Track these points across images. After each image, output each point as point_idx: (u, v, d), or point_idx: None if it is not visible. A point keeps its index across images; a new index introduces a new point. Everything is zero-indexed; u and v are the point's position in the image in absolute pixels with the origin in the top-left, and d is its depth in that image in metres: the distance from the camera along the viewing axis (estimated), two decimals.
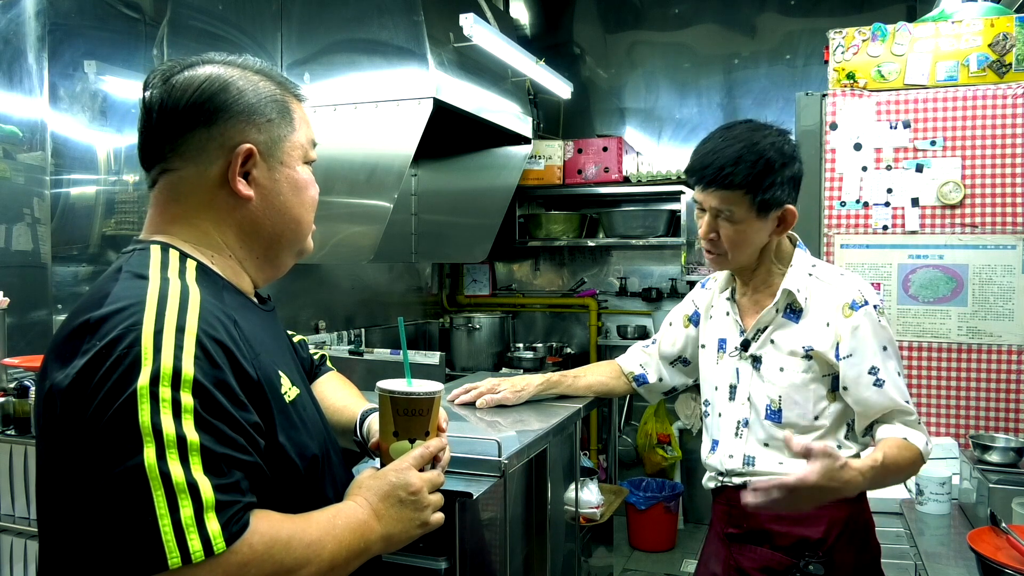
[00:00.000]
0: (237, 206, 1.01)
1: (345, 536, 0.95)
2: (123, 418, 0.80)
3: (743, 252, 1.61)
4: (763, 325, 1.65)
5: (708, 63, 4.43)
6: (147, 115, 0.99)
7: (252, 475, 0.87)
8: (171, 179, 1.00)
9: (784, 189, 1.58)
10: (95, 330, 0.85)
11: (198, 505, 0.80)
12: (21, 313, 2.16)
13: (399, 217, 3.95)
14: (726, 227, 1.58)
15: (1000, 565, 1.30)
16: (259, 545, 0.85)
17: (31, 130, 2.20)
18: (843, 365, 1.55)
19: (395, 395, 1.08)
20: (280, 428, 0.95)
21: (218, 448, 0.83)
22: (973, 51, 2.27)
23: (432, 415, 1.10)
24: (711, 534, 1.80)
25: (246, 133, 0.99)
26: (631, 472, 4.44)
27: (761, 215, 1.57)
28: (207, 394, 0.84)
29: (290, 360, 1.10)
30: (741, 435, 1.67)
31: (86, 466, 0.82)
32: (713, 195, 1.57)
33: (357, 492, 1.03)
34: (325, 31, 3.05)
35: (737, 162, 1.52)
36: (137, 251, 0.98)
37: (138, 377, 0.81)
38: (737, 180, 1.52)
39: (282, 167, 1.03)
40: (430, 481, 1.07)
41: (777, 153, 1.55)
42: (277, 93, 1.04)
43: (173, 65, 1.01)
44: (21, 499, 1.85)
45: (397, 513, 1.02)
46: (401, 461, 1.06)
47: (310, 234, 1.11)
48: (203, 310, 0.89)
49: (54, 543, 0.91)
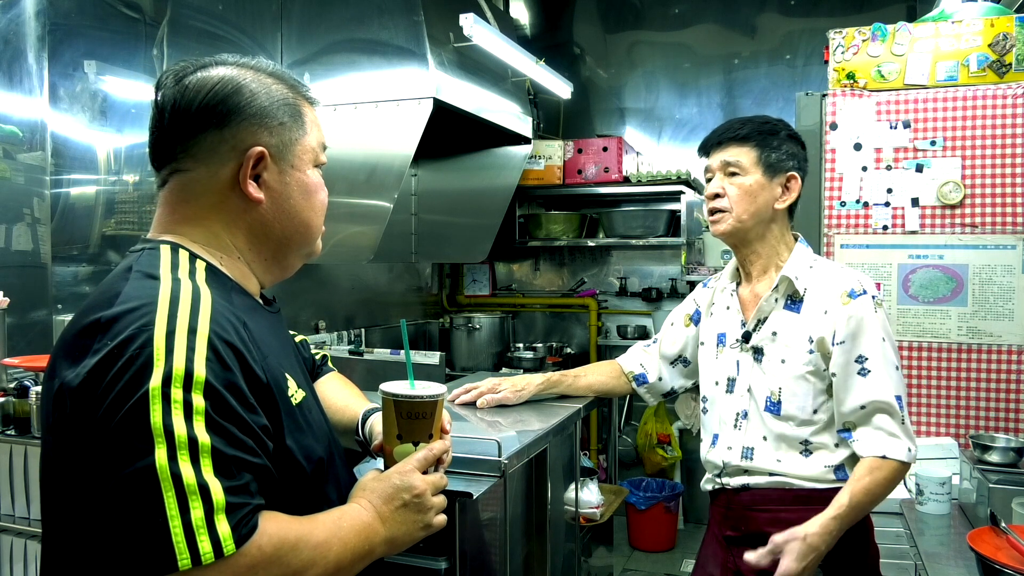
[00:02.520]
0: (247, 208, 1.01)
1: (350, 538, 0.95)
2: (135, 419, 0.80)
3: (746, 210, 1.64)
4: (764, 315, 1.65)
5: (708, 63, 4.43)
6: (159, 115, 0.99)
7: (261, 477, 0.87)
8: (182, 180, 1.00)
9: (790, 156, 1.66)
10: (106, 329, 0.85)
11: (208, 507, 0.80)
12: (21, 313, 2.16)
13: (399, 217, 3.95)
14: (733, 183, 1.65)
15: (1000, 565, 1.30)
16: (268, 547, 0.85)
17: (31, 130, 2.20)
18: (835, 351, 1.56)
19: (398, 398, 1.08)
20: (288, 431, 0.95)
21: (229, 450, 0.83)
22: (973, 51, 2.27)
23: (435, 418, 1.10)
24: (708, 536, 1.80)
25: (258, 136, 0.99)
26: (631, 472, 4.44)
27: (767, 174, 1.64)
28: (218, 396, 0.84)
29: (295, 362, 1.11)
30: (740, 427, 1.67)
31: (96, 466, 0.82)
32: (723, 151, 1.67)
33: (361, 495, 1.03)
34: (325, 31, 3.05)
35: (746, 122, 1.67)
36: (147, 250, 0.97)
37: (150, 378, 0.81)
38: (744, 132, 1.65)
39: (293, 170, 1.03)
40: (433, 484, 1.07)
41: (784, 126, 1.68)
42: (289, 96, 1.04)
43: (186, 66, 1.01)
44: (21, 499, 1.85)
45: (401, 516, 1.03)
46: (404, 464, 1.07)
47: (319, 237, 1.11)
48: (214, 312, 0.89)
49: (58, 542, 0.91)
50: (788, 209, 1.69)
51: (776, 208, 1.65)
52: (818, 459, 1.60)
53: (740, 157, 1.64)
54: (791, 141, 1.67)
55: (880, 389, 1.53)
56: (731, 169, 1.65)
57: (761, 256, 1.69)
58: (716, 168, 1.68)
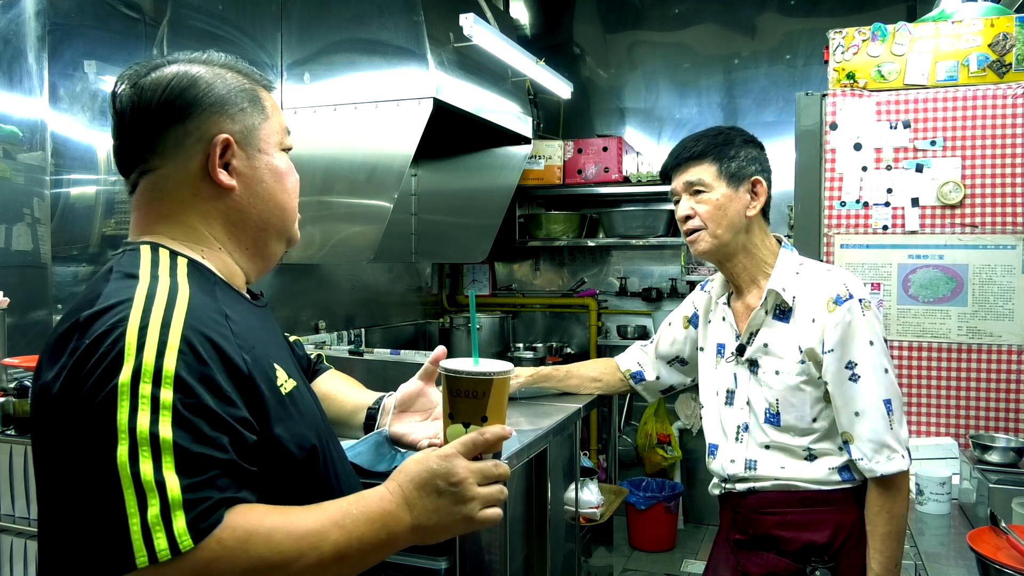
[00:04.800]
0: (221, 197, 1.02)
1: (358, 527, 0.90)
2: (101, 415, 0.81)
3: (719, 224, 1.64)
4: (755, 328, 1.65)
5: (708, 63, 4.43)
6: (120, 120, 1.00)
7: (234, 472, 0.86)
8: (152, 179, 1.01)
9: (750, 161, 1.66)
10: (84, 329, 0.86)
11: (165, 503, 0.79)
12: (21, 313, 2.16)
13: (399, 217, 3.95)
14: (700, 201, 1.65)
15: (1000, 565, 1.30)
16: (229, 540, 0.82)
17: (31, 130, 2.20)
18: (826, 359, 1.56)
19: (449, 374, 1.01)
20: (276, 420, 0.94)
21: (194, 447, 0.82)
22: (973, 51, 2.27)
23: (492, 398, 1.01)
24: (719, 539, 1.80)
25: (221, 124, 1.00)
26: (631, 472, 4.43)
27: (731, 185, 1.64)
28: (188, 390, 0.84)
29: (287, 355, 1.10)
30: (742, 439, 1.67)
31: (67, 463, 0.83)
32: (683, 172, 1.67)
33: (396, 476, 0.97)
34: (325, 31, 3.05)
35: (699, 139, 1.67)
36: (127, 251, 0.98)
37: (120, 373, 0.82)
38: (700, 149, 1.65)
39: (260, 154, 1.04)
40: (479, 471, 0.97)
41: (738, 132, 1.68)
42: (245, 83, 1.05)
43: (139, 69, 1.02)
44: (21, 499, 1.85)
45: (433, 503, 0.95)
46: (448, 447, 0.98)
47: (296, 221, 1.11)
48: (191, 306, 0.89)
49: (49, 542, 0.92)
50: (762, 213, 1.68)
51: (748, 216, 1.65)
52: (822, 463, 1.60)
53: (701, 175, 1.64)
54: (748, 145, 1.67)
55: (870, 394, 1.53)
56: (695, 188, 1.65)
57: (747, 268, 1.68)
58: (681, 190, 1.68)
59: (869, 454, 1.52)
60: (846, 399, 1.54)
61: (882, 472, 1.51)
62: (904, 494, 1.54)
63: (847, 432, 1.55)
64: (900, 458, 1.52)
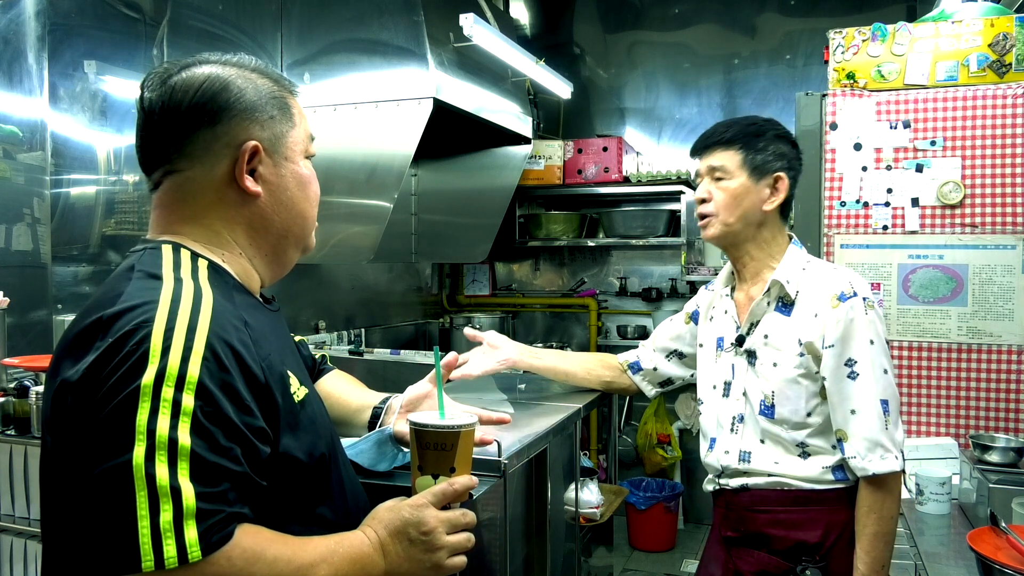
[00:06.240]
0: (245, 203, 1.02)
1: (344, 566, 0.92)
2: (121, 414, 0.80)
3: (732, 213, 1.64)
4: (756, 319, 1.66)
5: (708, 63, 4.43)
6: (148, 118, 0.99)
7: (242, 486, 0.86)
8: (177, 180, 1.00)
9: (778, 157, 1.65)
10: (108, 327, 0.85)
11: (179, 511, 0.79)
12: (21, 313, 2.16)
13: (399, 217, 3.95)
14: (719, 187, 1.65)
15: (1000, 565, 1.30)
16: (238, 560, 0.83)
17: (31, 130, 2.20)
18: (825, 355, 1.55)
19: (418, 427, 1.04)
20: (289, 429, 0.94)
21: (210, 456, 0.82)
22: (973, 51, 2.27)
23: (459, 450, 1.04)
24: (712, 536, 1.80)
25: (250, 130, 1.00)
26: (631, 472, 4.44)
27: (752, 176, 1.63)
28: (210, 398, 0.84)
29: (297, 360, 1.11)
30: (737, 431, 1.67)
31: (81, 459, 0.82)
32: (709, 155, 1.67)
33: (370, 522, 1.01)
34: (325, 31, 3.05)
35: (731, 124, 1.67)
36: (148, 250, 0.98)
37: (143, 374, 0.81)
38: (729, 135, 1.65)
39: (287, 162, 1.04)
40: (448, 520, 1.01)
41: (772, 126, 1.67)
42: (275, 90, 1.04)
43: (170, 67, 1.01)
44: (21, 499, 1.85)
45: (404, 551, 0.98)
46: (419, 497, 1.02)
47: (314, 230, 1.12)
48: (215, 312, 0.89)
49: (57, 541, 0.91)
50: (781, 210, 1.67)
51: (765, 210, 1.64)
52: (816, 461, 1.59)
53: (725, 161, 1.64)
54: (779, 141, 1.66)
55: (867, 393, 1.53)
56: (717, 174, 1.65)
57: (754, 259, 1.68)
58: (704, 172, 1.68)
59: (862, 452, 1.51)
60: (843, 396, 1.54)
61: (874, 471, 1.51)
62: (895, 496, 1.54)
63: (841, 429, 1.55)
64: (893, 459, 1.51)
